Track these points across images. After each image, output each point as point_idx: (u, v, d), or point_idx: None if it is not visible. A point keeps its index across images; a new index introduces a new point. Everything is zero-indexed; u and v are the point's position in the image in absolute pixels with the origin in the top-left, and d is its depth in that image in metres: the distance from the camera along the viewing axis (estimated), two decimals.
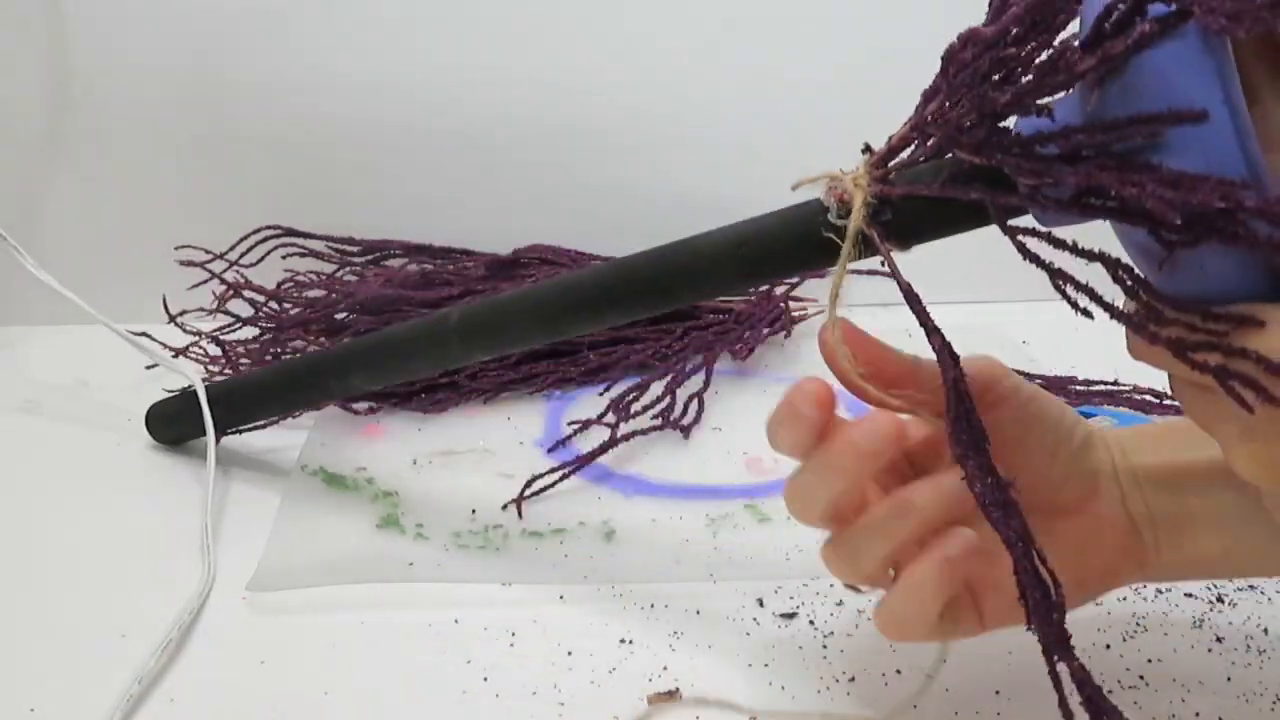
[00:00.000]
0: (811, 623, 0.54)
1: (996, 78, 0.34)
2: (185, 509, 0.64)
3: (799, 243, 0.43)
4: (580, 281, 0.50)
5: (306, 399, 0.64)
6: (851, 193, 0.40)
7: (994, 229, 0.37)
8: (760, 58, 0.82)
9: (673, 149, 0.84)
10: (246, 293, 0.76)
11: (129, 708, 0.50)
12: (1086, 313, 0.34)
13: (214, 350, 0.76)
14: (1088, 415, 0.65)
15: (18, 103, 0.82)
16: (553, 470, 0.64)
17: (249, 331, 0.78)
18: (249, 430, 0.69)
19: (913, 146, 0.39)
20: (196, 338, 0.75)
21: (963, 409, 0.38)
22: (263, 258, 0.78)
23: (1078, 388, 0.72)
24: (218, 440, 0.67)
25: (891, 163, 0.39)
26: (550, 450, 0.68)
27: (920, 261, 0.88)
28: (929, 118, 0.36)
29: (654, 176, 0.84)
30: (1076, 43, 0.31)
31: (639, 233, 0.84)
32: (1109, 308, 0.33)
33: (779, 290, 0.83)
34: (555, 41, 0.81)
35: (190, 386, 0.68)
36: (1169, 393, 0.70)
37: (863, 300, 0.86)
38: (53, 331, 0.85)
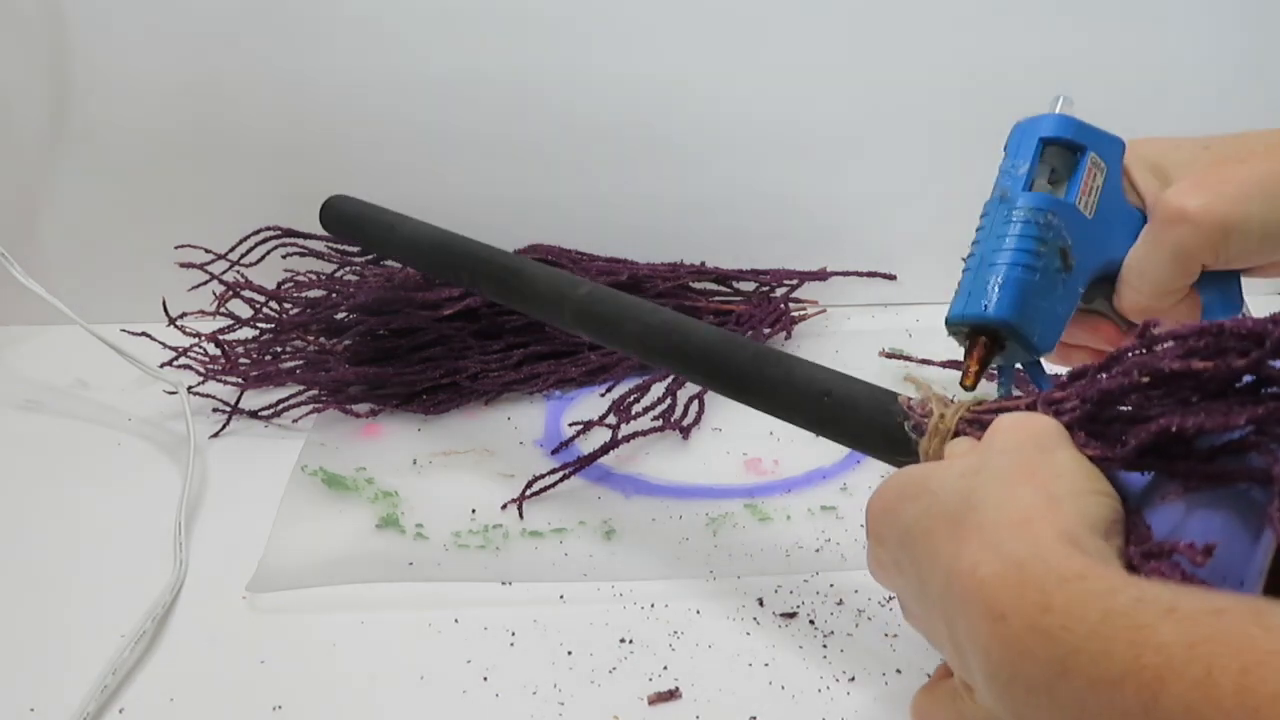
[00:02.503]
0: (811, 623, 0.54)
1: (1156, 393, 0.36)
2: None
3: (872, 426, 0.45)
4: (691, 333, 0.53)
5: (425, 263, 0.69)
6: (934, 426, 0.42)
7: None
8: (764, 60, 0.82)
9: (673, 150, 0.84)
10: (246, 293, 0.76)
11: (104, 698, 0.50)
12: None
13: (214, 350, 0.76)
14: None
15: (19, 104, 0.82)
16: (553, 470, 0.64)
17: (250, 332, 0.78)
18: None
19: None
20: (196, 339, 0.75)
21: None
22: (263, 258, 0.78)
23: None
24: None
25: (983, 407, 0.41)
26: (554, 452, 0.68)
27: (922, 262, 0.88)
28: (1058, 397, 0.38)
29: (654, 177, 0.84)
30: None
31: (640, 233, 0.85)
32: None
33: (779, 291, 0.83)
34: (557, 42, 0.81)
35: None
36: None
37: (864, 300, 0.86)
38: (53, 332, 0.84)
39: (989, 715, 0.36)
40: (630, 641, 0.53)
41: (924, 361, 0.75)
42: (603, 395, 0.73)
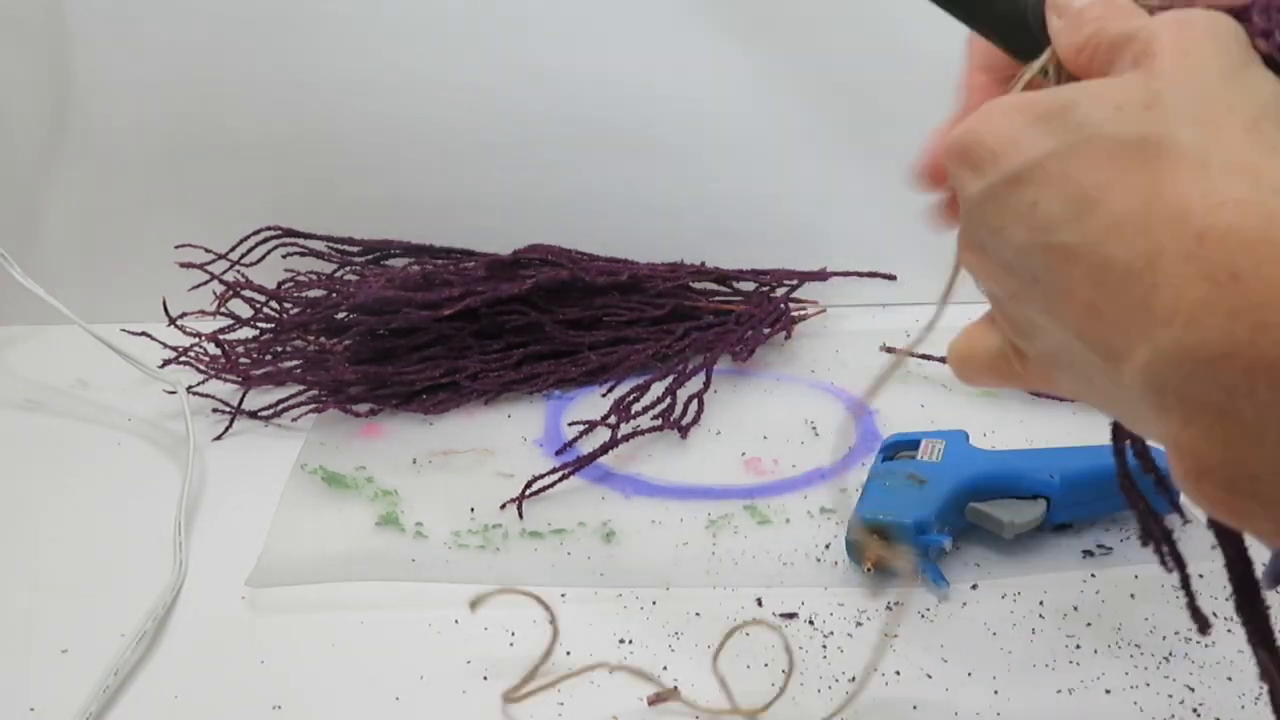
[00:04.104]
0: (811, 623, 0.54)
1: None
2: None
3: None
4: None
5: None
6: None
7: None
8: (764, 60, 0.82)
9: (673, 150, 0.84)
10: (246, 293, 0.76)
11: (106, 698, 0.50)
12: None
13: (214, 350, 0.76)
14: None
15: (19, 105, 0.82)
16: (553, 470, 0.64)
17: (250, 332, 0.78)
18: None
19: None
20: (196, 339, 0.75)
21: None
22: (263, 258, 0.78)
23: None
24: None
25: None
26: (558, 453, 0.68)
27: (922, 262, 0.87)
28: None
29: (655, 177, 0.84)
30: None
31: (640, 233, 0.85)
32: None
33: (779, 291, 0.83)
34: (557, 42, 0.81)
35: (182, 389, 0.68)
36: None
37: (864, 300, 0.86)
38: (53, 332, 0.84)
39: (1040, 375, 0.32)
40: (630, 642, 0.53)
41: (924, 357, 0.76)
42: (604, 395, 0.73)
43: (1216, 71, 0.28)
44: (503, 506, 0.63)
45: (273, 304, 0.77)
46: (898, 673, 0.50)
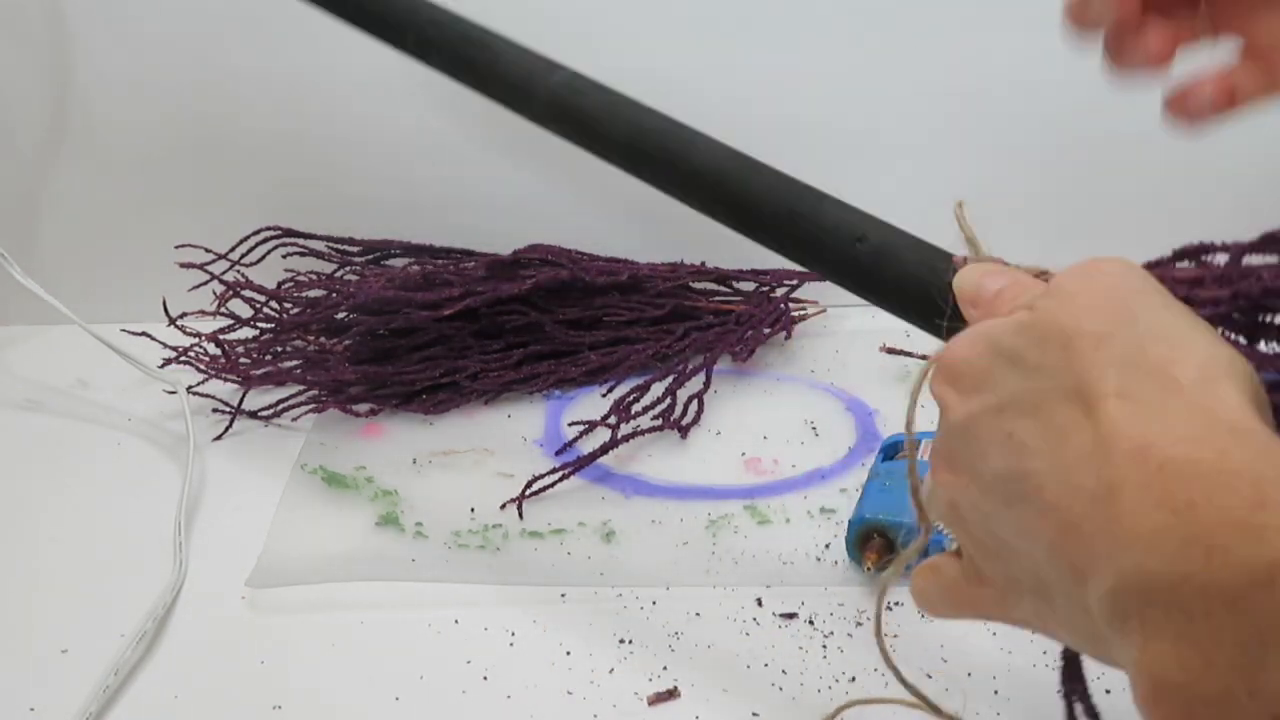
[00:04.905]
0: (811, 623, 0.54)
1: None
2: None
3: (914, 283, 0.41)
4: (693, 146, 0.46)
5: (378, 26, 0.56)
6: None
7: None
8: (764, 60, 0.82)
9: None
10: (246, 293, 0.76)
11: (106, 698, 0.50)
12: None
13: (214, 350, 0.76)
14: None
15: (19, 104, 0.82)
16: (553, 470, 0.64)
17: (250, 332, 0.78)
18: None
19: None
20: (196, 339, 0.75)
21: None
22: (263, 258, 0.78)
23: None
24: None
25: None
26: (558, 453, 0.68)
27: None
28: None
29: None
30: None
31: (640, 233, 0.85)
32: None
33: (779, 291, 0.83)
34: (555, 41, 0.81)
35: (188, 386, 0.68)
36: None
37: (864, 300, 0.86)
38: (53, 332, 0.85)
39: (998, 600, 0.33)
40: (630, 642, 0.53)
41: (924, 357, 0.76)
42: (604, 395, 0.73)
43: (1129, 318, 0.30)
44: (503, 506, 0.63)
45: (273, 304, 0.77)
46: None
